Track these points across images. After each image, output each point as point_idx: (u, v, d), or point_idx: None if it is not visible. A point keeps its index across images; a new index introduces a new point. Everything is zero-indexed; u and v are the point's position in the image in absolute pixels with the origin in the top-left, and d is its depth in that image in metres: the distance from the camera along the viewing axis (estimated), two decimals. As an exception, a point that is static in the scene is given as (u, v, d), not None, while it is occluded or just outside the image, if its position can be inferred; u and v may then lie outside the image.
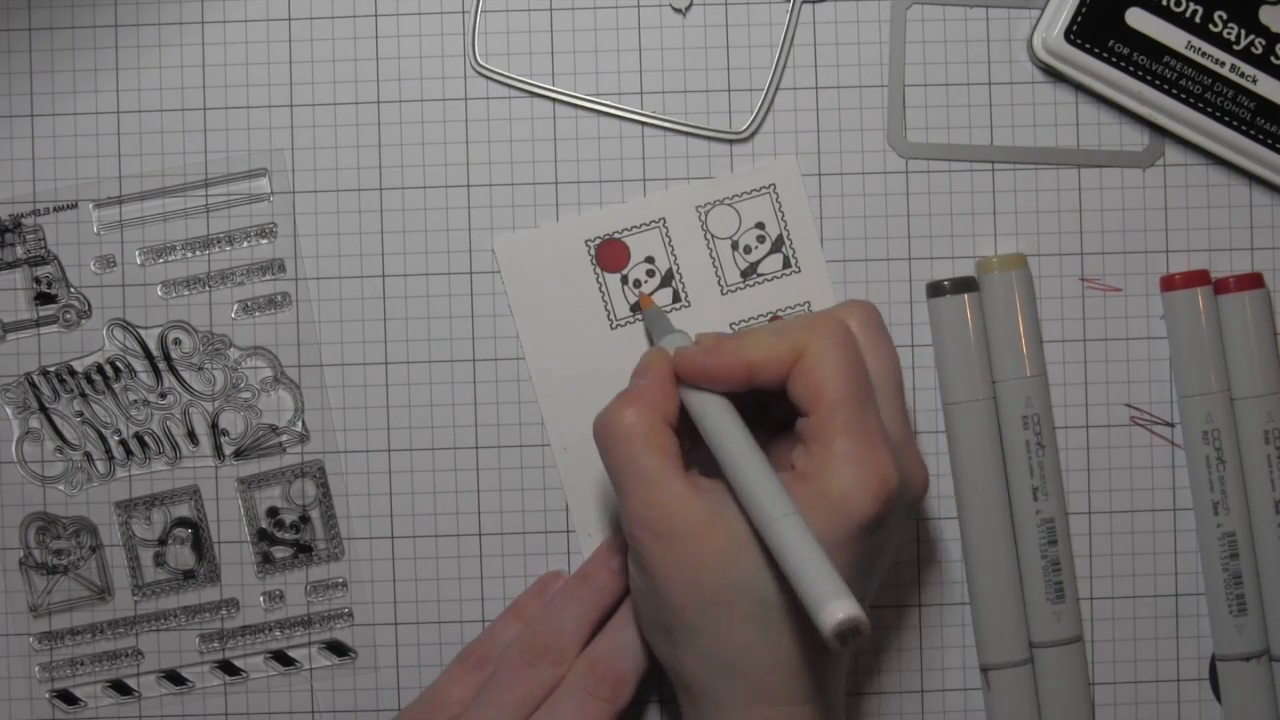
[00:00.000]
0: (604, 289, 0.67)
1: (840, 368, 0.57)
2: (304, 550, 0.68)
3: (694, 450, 0.61)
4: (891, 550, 0.61)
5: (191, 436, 0.67)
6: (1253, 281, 0.66)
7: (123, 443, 0.67)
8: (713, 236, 0.67)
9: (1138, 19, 0.65)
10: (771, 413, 0.61)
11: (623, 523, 0.59)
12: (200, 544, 0.68)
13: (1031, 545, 0.66)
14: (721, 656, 0.58)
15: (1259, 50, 0.65)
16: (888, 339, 0.61)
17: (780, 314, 0.67)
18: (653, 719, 0.68)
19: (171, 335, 0.67)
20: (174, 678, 0.68)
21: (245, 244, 0.67)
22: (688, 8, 0.67)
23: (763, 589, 0.57)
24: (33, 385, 0.67)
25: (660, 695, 0.68)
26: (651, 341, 0.66)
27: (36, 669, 0.68)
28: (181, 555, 0.68)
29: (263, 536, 0.68)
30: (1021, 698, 0.66)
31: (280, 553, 0.68)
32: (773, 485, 0.55)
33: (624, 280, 0.67)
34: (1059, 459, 0.67)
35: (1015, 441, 0.66)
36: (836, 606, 0.50)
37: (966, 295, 0.66)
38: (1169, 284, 0.66)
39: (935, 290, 0.66)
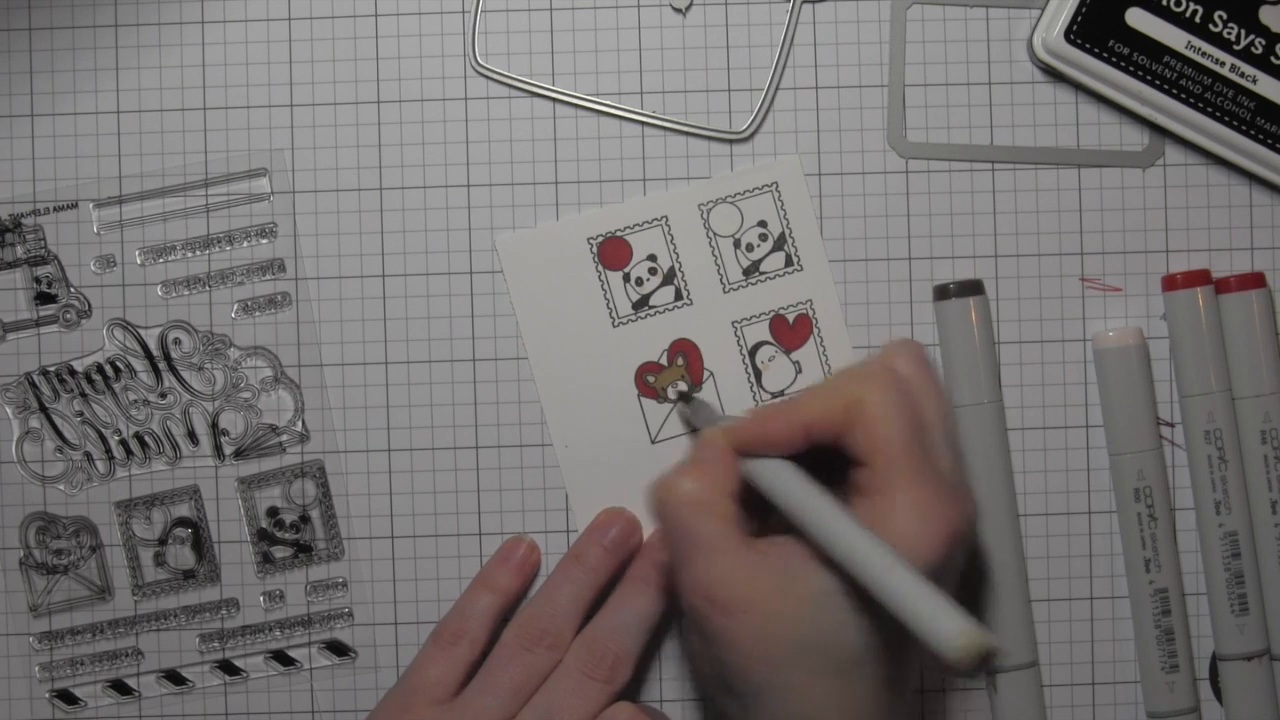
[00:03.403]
0: (606, 287, 0.67)
1: (898, 419, 0.57)
2: (304, 550, 0.68)
3: (762, 530, 0.60)
4: (954, 586, 0.61)
5: (191, 436, 0.67)
6: (1254, 281, 0.66)
7: (123, 443, 0.67)
8: (715, 234, 0.67)
9: (1138, 19, 0.65)
10: (822, 465, 0.60)
11: (681, 593, 0.58)
12: (200, 544, 0.68)
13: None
14: (795, 715, 0.57)
15: (1259, 50, 0.65)
16: (937, 378, 0.60)
17: (782, 312, 0.67)
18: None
19: (171, 335, 0.67)
20: (174, 678, 0.68)
21: (245, 244, 0.67)
22: (688, 8, 0.67)
23: (836, 644, 0.56)
24: (33, 385, 0.67)
25: (660, 695, 0.68)
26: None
27: (36, 669, 0.68)
28: (181, 555, 0.68)
29: (263, 536, 0.68)
30: (1027, 699, 0.66)
31: (280, 553, 0.68)
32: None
33: (626, 278, 0.67)
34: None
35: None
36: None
37: (973, 299, 0.66)
38: (1170, 284, 0.66)
39: (941, 293, 0.66)
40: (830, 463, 0.59)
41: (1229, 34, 0.65)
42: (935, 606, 0.51)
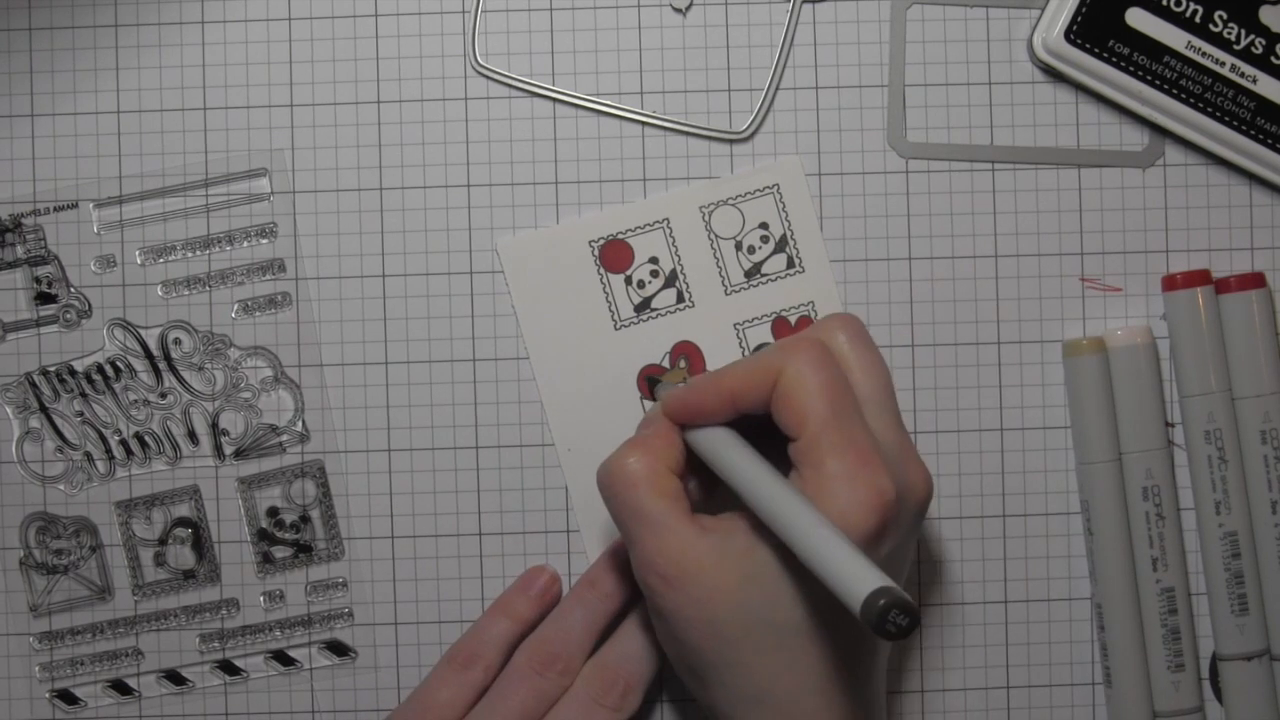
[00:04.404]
0: (608, 290, 0.67)
1: (818, 388, 0.57)
2: (304, 550, 0.68)
3: (710, 498, 0.61)
4: (909, 561, 0.61)
5: (191, 436, 0.67)
6: (1254, 281, 0.66)
7: (123, 443, 0.67)
8: (716, 237, 0.67)
9: (1138, 19, 0.65)
10: (772, 435, 0.60)
11: (634, 569, 0.59)
12: (200, 544, 0.68)
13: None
14: (749, 691, 0.57)
15: (1259, 50, 0.65)
16: (874, 349, 0.60)
17: (784, 314, 0.67)
18: (652, 719, 0.68)
19: (171, 335, 0.67)
20: (174, 678, 0.68)
21: (245, 244, 0.67)
22: (688, 8, 0.67)
23: (781, 616, 0.56)
24: (33, 385, 0.67)
25: (660, 696, 0.68)
26: None
27: (36, 669, 0.68)
28: (181, 555, 0.68)
29: (263, 536, 0.68)
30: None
31: (280, 553, 0.68)
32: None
33: (628, 280, 0.67)
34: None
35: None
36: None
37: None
38: (1170, 284, 0.66)
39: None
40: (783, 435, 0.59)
41: (1229, 34, 0.65)
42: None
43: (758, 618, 0.56)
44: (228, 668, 0.68)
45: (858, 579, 0.50)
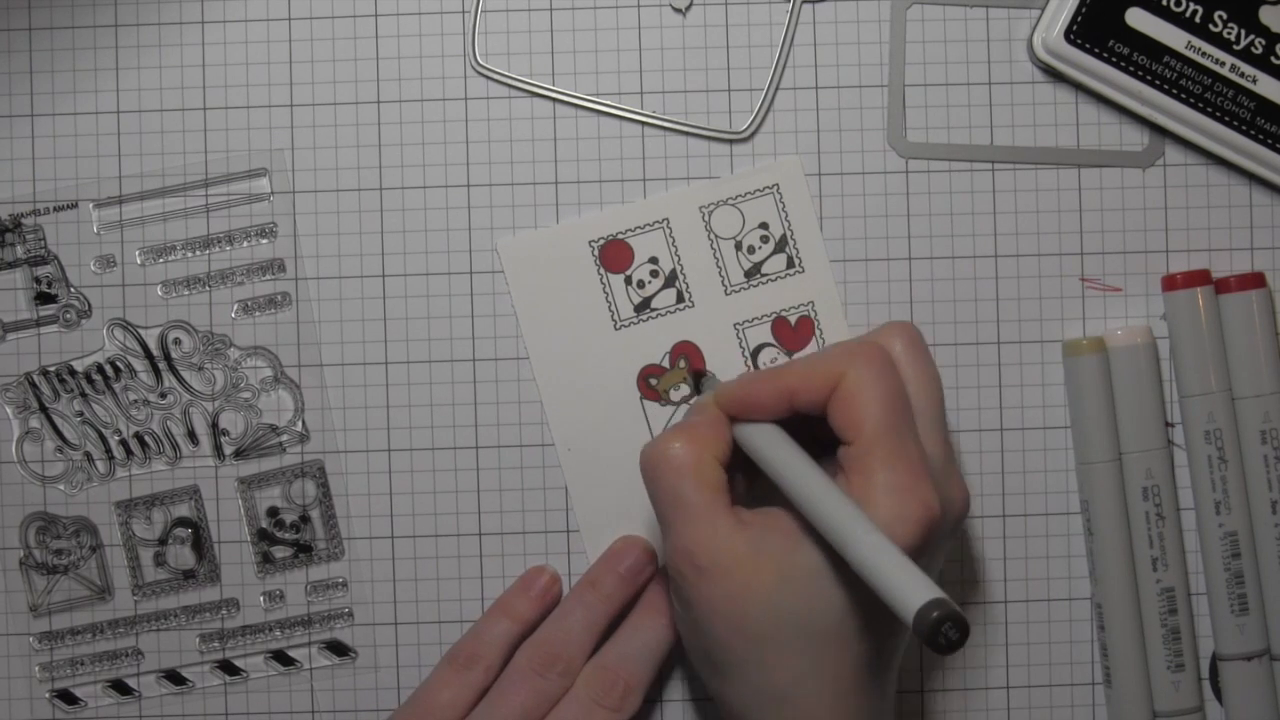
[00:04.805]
0: (608, 289, 0.67)
1: (879, 397, 0.56)
2: (304, 550, 0.68)
3: (749, 493, 0.61)
4: (936, 572, 0.61)
5: (191, 436, 0.67)
6: (1254, 281, 0.66)
7: (123, 443, 0.67)
8: (716, 237, 0.67)
9: (1138, 19, 0.65)
10: (816, 435, 0.60)
11: (665, 555, 0.59)
12: (200, 544, 0.68)
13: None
14: (771, 690, 0.57)
15: (1259, 50, 0.65)
16: (930, 361, 0.60)
17: (784, 314, 0.67)
18: (652, 719, 0.68)
19: (171, 335, 0.67)
20: (174, 678, 0.68)
21: (245, 244, 0.67)
22: (688, 8, 0.67)
23: (813, 620, 0.56)
24: (33, 385, 0.67)
25: (661, 696, 0.68)
26: None
27: (36, 669, 0.68)
28: (181, 555, 0.68)
29: (263, 536, 0.68)
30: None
31: (280, 552, 0.68)
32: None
33: (628, 280, 0.67)
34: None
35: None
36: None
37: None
38: (1170, 284, 0.66)
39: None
40: (829, 438, 0.59)
41: (1229, 34, 0.65)
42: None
43: (790, 620, 0.56)
44: (228, 668, 0.68)
45: (911, 589, 0.50)
